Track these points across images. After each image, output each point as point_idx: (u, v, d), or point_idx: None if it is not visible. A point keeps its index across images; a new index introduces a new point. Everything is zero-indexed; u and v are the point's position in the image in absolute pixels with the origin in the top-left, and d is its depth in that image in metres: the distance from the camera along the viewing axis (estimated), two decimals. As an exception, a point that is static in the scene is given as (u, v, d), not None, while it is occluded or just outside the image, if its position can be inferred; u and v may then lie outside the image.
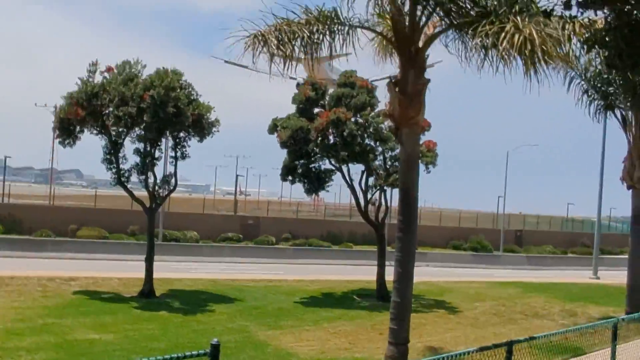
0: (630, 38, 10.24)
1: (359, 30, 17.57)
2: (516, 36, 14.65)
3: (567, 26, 15.36)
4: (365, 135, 28.92)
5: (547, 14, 11.45)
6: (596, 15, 10.50)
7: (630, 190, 28.00)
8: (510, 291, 35.92)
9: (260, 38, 16.24)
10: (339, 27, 17.32)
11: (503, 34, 14.73)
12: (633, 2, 9.51)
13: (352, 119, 28.75)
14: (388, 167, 30.91)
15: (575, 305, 31.64)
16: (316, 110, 30.60)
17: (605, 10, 10.42)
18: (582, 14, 10.00)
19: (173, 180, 28.19)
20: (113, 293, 27.54)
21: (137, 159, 27.35)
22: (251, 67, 16.23)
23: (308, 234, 59.47)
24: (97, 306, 24.35)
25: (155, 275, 28.66)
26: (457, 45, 17.46)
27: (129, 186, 28.39)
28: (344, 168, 31.15)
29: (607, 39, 10.45)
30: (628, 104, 26.32)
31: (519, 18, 14.98)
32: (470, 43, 17.07)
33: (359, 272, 39.79)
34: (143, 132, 26.66)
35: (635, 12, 10.24)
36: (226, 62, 31.01)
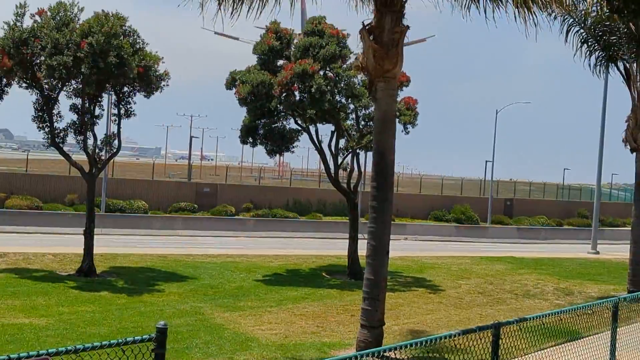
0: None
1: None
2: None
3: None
4: (336, 90, 28.71)
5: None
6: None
7: (634, 154, 28.23)
8: (498, 267, 36.29)
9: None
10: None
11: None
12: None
13: (321, 72, 28.52)
14: (361, 127, 30.84)
15: (571, 283, 32.05)
16: (280, 62, 30.30)
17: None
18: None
19: (116, 142, 27.91)
20: (47, 271, 27.30)
21: (74, 117, 27.02)
22: (243, 39, 16.02)
23: (272, 203, 59.59)
24: (27, 286, 24.11)
25: (97, 250, 28.46)
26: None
27: (66, 149, 28.06)
28: (312, 128, 31.05)
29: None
30: (632, 55, 26.39)
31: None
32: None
33: (329, 246, 40.01)
34: (80, 86, 26.27)
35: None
36: (216, 33, 30.65)
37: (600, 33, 26.47)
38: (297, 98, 28.71)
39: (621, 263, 37.85)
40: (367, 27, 17.23)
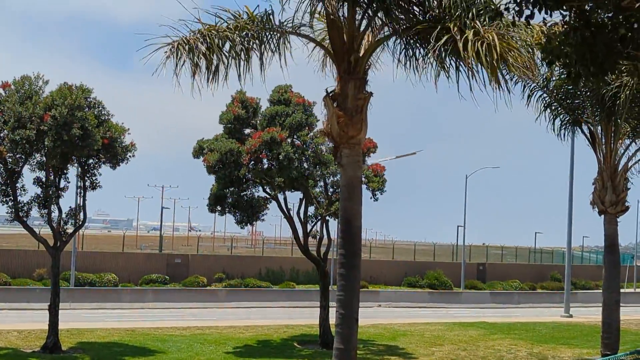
0: (591, 42, 10.12)
1: (299, 38, 17.41)
2: (477, 43, 14.54)
3: (528, 32, 15.36)
4: (303, 158, 28.61)
5: (499, 14, 11.38)
6: (560, 11, 10.30)
7: (602, 216, 28.12)
8: (472, 333, 35.84)
9: (184, 46, 15.84)
10: (271, 34, 17.08)
11: (464, 41, 14.57)
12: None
13: (289, 140, 28.44)
14: (330, 194, 30.67)
15: (544, 348, 31.67)
16: (247, 130, 30.22)
17: (564, 11, 10.30)
18: (533, 16, 9.84)
19: (82, 215, 27.42)
20: (10, 348, 26.51)
21: (38, 190, 26.55)
22: None
23: (244, 273, 58.94)
24: (-10, 364, 23.38)
25: (64, 325, 27.78)
26: (404, 53, 17.37)
27: (34, 222, 27.54)
28: (280, 196, 30.83)
29: (564, 45, 10.32)
30: (596, 117, 26.50)
31: (478, 22, 14.89)
32: (418, 51, 17.00)
33: (302, 315, 39.40)
34: (44, 159, 25.91)
35: (596, 12, 10.14)
36: None
37: (563, 97, 26.59)
38: (266, 166, 28.57)
39: (594, 326, 37.56)
40: (330, 94, 17.15)
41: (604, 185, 27.66)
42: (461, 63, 15.66)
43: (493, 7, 14.78)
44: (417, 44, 16.94)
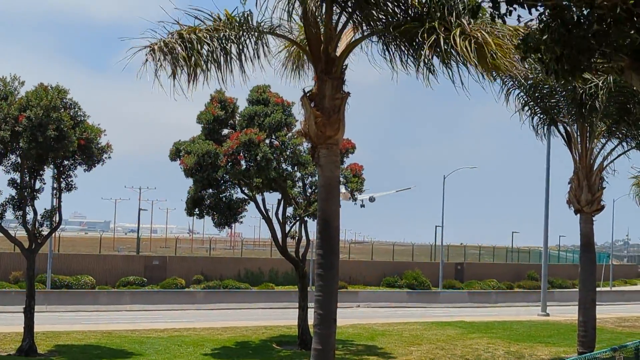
0: (568, 39, 10.13)
1: (276, 39, 17.38)
2: (466, 41, 14.59)
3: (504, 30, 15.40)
4: (282, 159, 28.53)
5: (475, 12, 11.39)
6: (530, 13, 10.28)
7: (578, 215, 28.23)
8: (450, 332, 35.89)
9: (163, 47, 15.69)
10: (249, 34, 16.98)
11: (454, 39, 14.62)
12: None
13: (267, 141, 28.34)
14: (308, 194, 30.59)
15: (522, 347, 31.76)
16: (225, 131, 30.07)
17: (539, 8, 10.29)
18: (510, 13, 9.81)
19: (57, 216, 27.16)
20: (-14, 351, 26.30)
21: (13, 192, 26.28)
22: None
23: (223, 274, 58.82)
24: (-36, 368, 23.12)
25: (40, 328, 27.51)
26: (382, 53, 17.41)
27: (9, 225, 27.27)
28: (258, 197, 30.73)
29: (539, 42, 10.31)
30: (572, 117, 26.60)
31: (463, 20, 14.93)
32: (399, 51, 17.03)
33: (281, 316, 39.35)
34: (19, 160, 25.65)
35: (572, 9, 10.15)
36: None
37: (540, 96, 26.65)
38: (244, 167, 28.42)
39: (571, 324, 37.76)
40: (308, 94, 17.09)
41: (579, 184, 27.76)
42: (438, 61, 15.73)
43: (473, 4, 14.81)
44: (399, 44, 16.95)
